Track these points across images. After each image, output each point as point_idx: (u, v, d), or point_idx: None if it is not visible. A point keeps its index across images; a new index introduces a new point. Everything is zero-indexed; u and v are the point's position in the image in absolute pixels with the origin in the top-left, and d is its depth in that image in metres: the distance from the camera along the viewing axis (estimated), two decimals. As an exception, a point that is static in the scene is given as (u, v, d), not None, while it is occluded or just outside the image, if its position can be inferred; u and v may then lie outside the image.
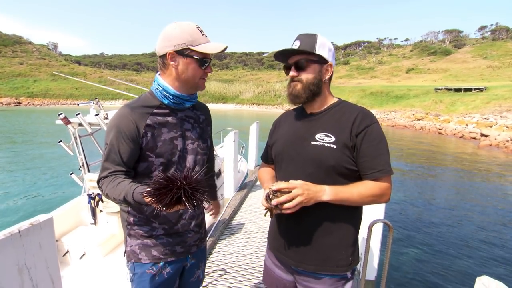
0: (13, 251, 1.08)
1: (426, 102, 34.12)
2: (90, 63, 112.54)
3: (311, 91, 1.12)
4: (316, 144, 1.09)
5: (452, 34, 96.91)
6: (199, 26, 1.09)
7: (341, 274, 1.14)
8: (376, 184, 1.06)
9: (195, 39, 1.06)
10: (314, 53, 1.09)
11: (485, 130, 18.53)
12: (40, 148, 13.62)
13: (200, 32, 1.08)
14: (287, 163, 1.18)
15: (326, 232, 1.12)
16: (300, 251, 1.15)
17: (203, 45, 1.07)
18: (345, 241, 1.14)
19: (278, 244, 1.23)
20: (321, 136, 1.10)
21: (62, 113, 3.00)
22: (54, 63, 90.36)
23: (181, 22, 1.08)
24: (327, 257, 1.13)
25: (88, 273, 2.55)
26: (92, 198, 2.99)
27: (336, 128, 1.09)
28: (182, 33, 1.05)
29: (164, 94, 1.12)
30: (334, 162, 1.06)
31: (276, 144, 1.26)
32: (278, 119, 1.35)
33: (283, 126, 1.29)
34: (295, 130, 1.19)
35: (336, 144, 1.06)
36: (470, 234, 5.36)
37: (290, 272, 1.23)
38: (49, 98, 66.25)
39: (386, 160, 1.07)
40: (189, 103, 1.18)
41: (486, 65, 59.99)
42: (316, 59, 1.11)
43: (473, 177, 9.80)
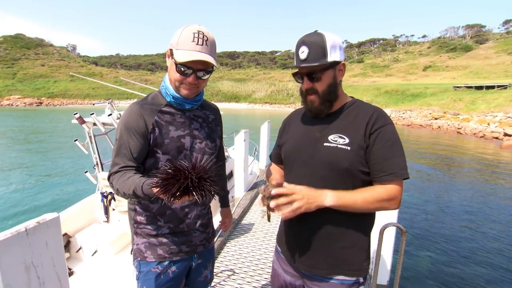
0: (20, 249, 1.09)
1: (444, 100, 32.91)
2: (106, 64, 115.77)
3: (330, 100, 1.07)
4: (329, 146, 1.04)
5: (474, 29, 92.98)
6: (202, 31, 1.03)
7: (354, 279, 1.10)
8: (383, 189, 0.99)
9: (180, 42, 1.02)
10: (327, 62, 1.01)
11: (509, 130, 17.64)
12: (57, 146, 14.12)
13: (193, 37, 1.01)
14: (299, 165, 1.13)
15: (338, 236, 1.08)
16: (311, 256, 1.11)
17: (180, 51, 1.02)
18: (357, 245, 1.10)
19: (288, 248, 1.20)
20: (335, 137, 1.05)
21: (78, 112, 3.07)
22: (73, 64, 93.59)
23: (192, 24, 1.06)
24: (339, 262, 1.09)
25: (99, 270, 2.60)
26: (105, 197, 3.05)
27: (350, 129, 1.04)
28: (176, 34, 1.05)
29: (167, 92, 1.14)
30: (348, 165, 1.01)
31: (286, 144, 1.22)
32: (288, 118, 1.31)
33: (293, 126, 1.24)
34: (307, 130, 1.14)
35: (350, 145, 1.01)
36: (489, 241, 5.12)
37: (299, 277, 1.19)
38: (68, 98, 68.67)
39: (399, 163, 1.00)
40: (189, 105, 1.17)
41: (511, 60, 57.24)
42: (329, 65, 1.03)
43: (495, 179, 9.36)
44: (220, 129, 1.35)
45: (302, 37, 1.05)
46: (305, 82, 1.06)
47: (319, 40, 1.01)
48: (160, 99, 1.16)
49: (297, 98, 59.99)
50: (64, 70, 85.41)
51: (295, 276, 1.21)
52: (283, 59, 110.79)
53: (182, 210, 1.18)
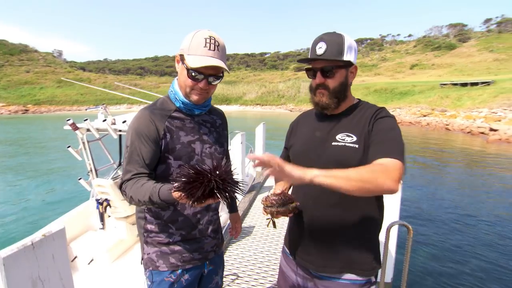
0: (26, 264, 1.06)
1: (432, 97, 33.67)
2: (94, 69, 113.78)
3: (338, 98, 1.08)
4: (337, 145, 1.05)
5: (456, 28, 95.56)
6: (213, 37, 1.03)
7: (366, 278, 1.10)
8: (377, 163, 0.91)
9: (192, 47, 1.03)
10: (342, 60, 1.03)
11: (494, 125, 18.17)
12: (48, 153, 13.77)
13: (205, 42, 1.02)
14: (307, 165, 1.13)
15: (349, 236, 1.09)
16: (322, 256, 1.11)
17: (192, 56, 1.03)
18: (368, 244, 1.11)
19: (297, 249, 1.20)
20: (342, 136, 1.06)
21: (71, 118, 3.01)
22: (60, 70, 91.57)
23: (201, 29, 1.06)
24: (350, 262, 1.09)
25: (96, 279, 2.54)
26: (100, 203, 2.99)
27: (357, 128, 1.05)
28: (187, 39, 1.05)
29: (175, 97, 1.14)
30: (357, 163, 1.01)
31: (294, 146, 1.23)
32: (295, 121, 1.32)
33: (301, 128, 1.25)
34: (314, 131, 1.16)
35: (358, 143, 1.03)
36: (482, 234, 5.24)
37: (309, 278, 1.19)
38: (55, 105, 67.11)
39: (395, 147, 0.95)
40: (198, 110, 1.17)
41: (492, 58, 58.98)
42: (343, 64, 1.06)
43: (483, 173, 9.61)
44: (226, 133, 1.35)
45: (321, 34, 1.07)
46: (317, 77, 1.07)
47: (338, 38, 1.04)
48: (170, 104, 1.15)
49: (288, 99, 60.34)
50: (51, 76, 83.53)
51: (305, 277, 1.20)
52: (273, 60, 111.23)
53: (194, 216, 1.17)
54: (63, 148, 3.40)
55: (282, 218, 0.98)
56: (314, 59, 1.06)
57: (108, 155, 3.76)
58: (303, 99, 56.76)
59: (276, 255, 3.02)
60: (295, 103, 57.22)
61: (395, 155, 0.92)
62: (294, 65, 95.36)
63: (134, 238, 3.11)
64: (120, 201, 2.93)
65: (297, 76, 77.23)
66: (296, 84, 64.87)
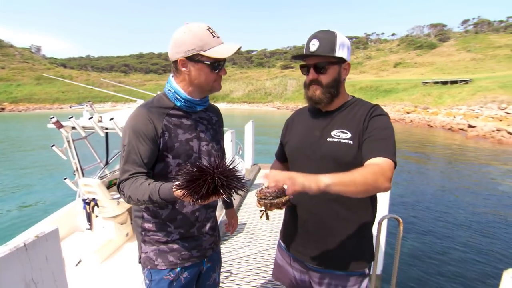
0: (19, 266, 1.02)
1: (415, 95, 34.72)
2: (76, 66, 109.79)
3: (331, 94, 1.10)
4: (332, 141, 1.08)
5: (437, 28, 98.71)
6: (210, 27, 1.05)
7: (360, 271, 1.14)
8: (374, 164, 0.95)
9: (205, 43, 1.02)
10: (334, 56, 1.06)
11: (472, 121, 18.99)
12: (31, 153, 13.24)
13: (211, 34, 1.03)
14: (302, 161, 1.16)
15: (344, 230, 1.11)
16: (318, 250, 1.14)
17: (214, 49, 1.03)
18: (363, 238, 1.14)
19: (293, 243, 1.22)
20: (337, 132, 1.08)
21: (54, 116, 2.90)
22: (38, 67, 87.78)
23: (191, 24, 1.04)
24: (347, 255, 1.12)
25: (85, 281, 2.49)
26: (87, 203, 2.92)
27: (352, 124, 1.08)
28: (193, 38, 1.01)
29: (176, 96, 1.11)
30: (351, 158, 1.04)
31: (289, 142, 1.24)
32: (291, 118, 1.34)
33: (296, 125, 1.27)
34: (309, 128, 1.17)
35: (353, 140, 1.05)
36: (462, 226, 5.48)
37: (305, 271, 1.21)
38: (35, 103, 64.37)
39: (389, 147, 0.99)
40: (201, 107, 1.17)
41: (470, 57, 61.41)
42: (336, 60, 1.08)
43: (464, 167, 10.03)
44: (222, 130, 1.35)
45: (315, 32, 1.09)
46: (311, 73, 1.10)
47: (330, 36, 1.07)
48: (167, 102, 1.13)
49: (275, 97, 60.57)
50: (28, 72, 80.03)
51: (301, 271, 1.23)
52: (260, 58, 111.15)
53: (193, 214, 1.16)
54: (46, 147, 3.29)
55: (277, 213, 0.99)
56: (307, 55, 1.09)
57: (95, 154, 3.66)
58: (290, 97, 57.16)
59: (269, 251, 3.05)
60: (282, 101, 57.52)
61: (388, 155, 0.96)
62: (281, 63, 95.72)
63: (123, 238, 3.06)
64: (108, 201, 2.86)
65: (284, 74, 77.60)
66: (283, 81, 65.20)
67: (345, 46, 1.08)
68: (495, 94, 27.03)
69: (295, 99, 54.20)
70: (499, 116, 19.92)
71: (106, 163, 3.63)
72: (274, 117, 34.13)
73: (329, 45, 1.05)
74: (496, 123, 17.87)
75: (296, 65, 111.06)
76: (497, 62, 53.27)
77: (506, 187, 7.77)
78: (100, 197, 2.84)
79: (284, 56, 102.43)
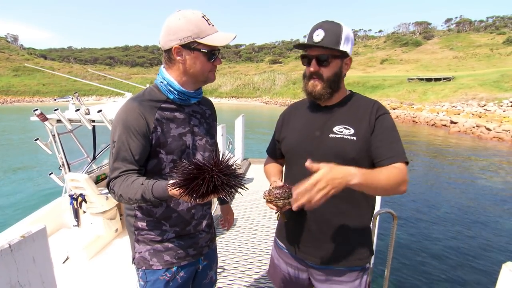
0: (4, 268, 0.95)
1: (400, 91, 35.52)
2: (58, 57, 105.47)
3: (331, 88, 1.07)
4: (335, 137, 1.05)
5: (422, 26, 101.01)
6: (205, 14, 1.00)
7: (361, 266, 1.13)
8: (396, 168, 0.97)
9: (201, 30, 0.97)
10: (339, 49, 1.02)
11: (454, 118, 19.64)
12: (13, 148, 12.67)
13: (206, 22, 0.99)
14: (303, 158, 1.11)
15: (346, 227, 1.10)
16: (318, 247, 1.12)
17: (210, 37, 0.98)
18: (363, 233, 1.14)
19: (292, 241, 1.19)
20: (340, 128, 1.06)
21: (38, 109, 2.77)
22: (16, 57, 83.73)
23: (184, 11, 0.99)
24: (346, 251, 1.11)
25: (73, 278, 2.42)
26: (75, 199, 2.83)
27: (354, 120, 1.06)
28: (188, 25, 0.96)
29: (169, 89, 1.05)
30: (355, 155, 1.03)
31: (287, 139, 1.20)
32: (286, 112, 1.29)
33: (294, 120, 1.22)
34: (309, 123, 1.14)
35: (356, 136, 1.03)
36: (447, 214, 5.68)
37: (305, 269, 1.20)
38: (12, 95, 61.58)
39: (400, 148, 1.03)
40: (195, 99, 1.11)
41: (452, 55, 63.32)
42: (339, 54, 1.04)
43: (445, 161, 10.37)
44: (216, 124, 1.30)
45: (320, 22, 1.05)
46: (312, 65, 1.05)
47: (336, 28, 1.02)
48: (159, 95, 1.06)
49: (263, 92, 60.45)
50: (5, 63, 76.30)
51: (300, 269, 1.21)
52: (248, 52, 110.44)
53: (188, 212, 1.12)
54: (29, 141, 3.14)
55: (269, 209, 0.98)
56: (310, 45, 1.04)
57: (81, 148, 3.54)
58: (278, 92, 57.21)
59: (261, 246, 3.04)
60: (271, 96, 57.51)
61: (403, 158, 1.00)
62: (270, 58, 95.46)
63: (112, 233, 2.99)
64: (96, 196, 2.78)
65: (272, 69, 77.56)
66: (271, 76, 65.11)
67: (349, 40, 1.04)
68: (475, 92, 28.06)
69: (283, 94, 54.32)
70: (478, 112, 20.71)
71: (93, 158, 3.51)
72: (263, 112, 34.12)
73: (334, 37, 1.01)
74: (476, 119, 18.57)
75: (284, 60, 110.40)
76: (477, 60, 55.21)
77: (488, 180, 8.11)
78: (88, 192, 2.75)
79: (273, 51, 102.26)
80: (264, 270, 2.62)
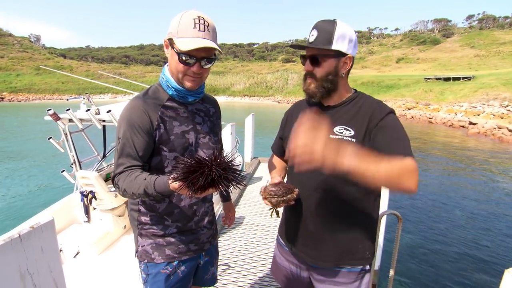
0: (14, 257, 1.01)
1: (416, 91, 34.53)
2: (76, 56, 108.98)
3: (325, 88, 1.06)
4: (335, 138, 1.04)
5: (441, 24, 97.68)
6: (202, 17, 0.96)
7: (360, 267, 1.13)
8: (403, 161, 0.89)
9: (181, 29, 0.95)
10: (330, 49, 1.01)
11: (473, 119, 18.92)
12: (28, 145, 13.23)
13: (194, 23, 0.94)
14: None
15: (344, 227, 1.10)
16: (317, 247, 1.12)
17: (182, 39, 0.95)
18: (363, 234, 1.12)
19: (292, 240, 1.20)
20: (340, 129, 1.05)
21: (51, 108, 2.88)
22: (38, 56, 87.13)
23: (189, 10, 1.00)
24: (346, 251, 1.10)
25: (83, 272, 2.51)
26: (85, 196, 2.93)
27: (355, 122, 1.05)
28: (175, 21, 0.97)
29: (168, 85, 1.08)
30: None
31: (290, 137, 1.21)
32: (291, 110, 1.30)
33: (297, 118, 1.23)
34: None
35: (356, 137, 1.02)
36: (461, 220, 5.50)
37: (306, 268, 1.20)
38: (34, 93, 64.07)
39: (407, 145, 0.98)
40: (192, 97, 1.12)
41: (473, 54, 60.87)
42: (333, 53, 1.03)
43: (464, 164, 10.02)
44: (220, 122, 1.32)
45: (318, 21, 1.05)
46: (307, 65, 1.07)
47: (329, 26, 1.01)
48: (162, 93, 1.10)
49: (276, 91, 60.24)
50: (28, 62, 79.46)
51: (301, 267, 1.21)
52: (261, 51, 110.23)
53: (190, 208, 1.14)
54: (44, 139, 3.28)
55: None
56: (305, 46, 1.05)
57: (92, 147, 3.65)
58: (291, 91, 56.84)
59: (267, 245, 3.05)
60: (283, 95, 57.22)
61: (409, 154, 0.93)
62: (283, 56, 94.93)
63: (121, 230, 3.07)
64: (106, 193, 2.87)
65: (285, 68, 77.07)
66: (284, 75, 64.74)
67: (345, 38, 1.02)
68: (497, 92, 26.88)
69: (296, 93, 53.91)
70: (500, 113, 19.83)
71: (103, 156, 3.62)
72: (275, 111, 34.01)
73: (325, 37, 1.00)
74: (498, 120, 17.80)
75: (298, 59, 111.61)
76: (500, 59, 52.80)
77: (505, 186, 7.78)
78: (98, 190, 2.84)
79: (286, 49, 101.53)
80: (269, 269, 2.63)
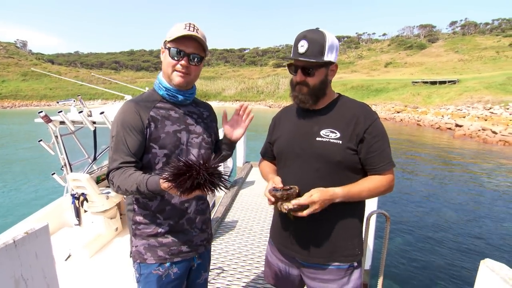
0: (8, 262, 1.01)
1: (405, 95, 35.36)
2: (64, 62, 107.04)
3: (317, 95, 1.12)
4: (322, 140, 1.10)
5: (426, 29, 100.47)
6: (193, 24, 1.08)
7: (348, 264, 1.17)
8: (383, 178, 1.10)
9: (173, 32, 1.08)
10: (323, 60, 1.06)
11: (459, 121, 19.48)
12: (16, 149, 12.90)
13: (184, 26, 1.07)
14: (292, 160, 1.18)
15: (333, 225, 1.14)
16: (307, 245, 1.16)
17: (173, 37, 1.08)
18: (351, 232, 1.17)
19: (283, 239, 1.24)
20: (326, 132, 1.10)
21: (43, 111, 2.88)
22: (24, 62, 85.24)
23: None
24: (334, 249, 1.14)
25: (75, 275, 2.48)
26: (76, 198, 2.91)
27: (341, 124, 1.10)
28: (170, 30, 1.10)
29: (159, 86, 1.16)
30: (340, 158, 1.07)
31: (278, 141, 1.25)
32: (278, 115, 1.35)
33: (284, 123, 1.28)
34: (298, 126, 1.19)
35: (342, 139, 1.08)
36: (450, 221, 5.64)
37: (296, 266, 1.24)
38: (21, 100, 62.64)
39: (389, 154, 1.11)
40: (182, 97, 1.17)
41: (457, 58, 62.80)
42: (324, 63, 1.08)
43: (450, 165, 10.28)
44: (215, 126, 1.34)
45: (303, 31, 1.08)
46: (298, 75, 1.10)
47: (320, 38, 1.06)
48: (155, 96, 1.17)
49: (267, 95, 60.60)
50: (14, 68, 77.76)
51: (291, 265, 1.25)
52: (252, 56, 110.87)
53: (181, 205, 1.17)
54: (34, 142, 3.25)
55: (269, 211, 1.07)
56: (295, 59, 1.09)
57: (82, 149, 3.63)
58: (282, 95, 57.27)
59: (260, 248, 3.08)
60: (274, 99, 57.62)
61: (391, 165, 1.11)
62: (273, 61, 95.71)
63: (113, 232, 3.05)
64: (97, 195, 2.85)
65: (276, 73, 77.66)
66: (275, 80, 65.25)
67: (333, 48, 1.08)
68: (481, 95, 27.79)
69: (287, 97, 54.20)
70: (484, 115, 20.49)
71: (94, 159, 3.59)
72: (266, 116, 34.16)
73: (318, 49, 1.05)
74: (482, 122, 18.38)
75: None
76: (482, 63, 54.69)
77: (488, 185, 8.02)
78: (89, 192, 2.83)
79: (277, 54, 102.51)
80: (262, 272, 2.65)
